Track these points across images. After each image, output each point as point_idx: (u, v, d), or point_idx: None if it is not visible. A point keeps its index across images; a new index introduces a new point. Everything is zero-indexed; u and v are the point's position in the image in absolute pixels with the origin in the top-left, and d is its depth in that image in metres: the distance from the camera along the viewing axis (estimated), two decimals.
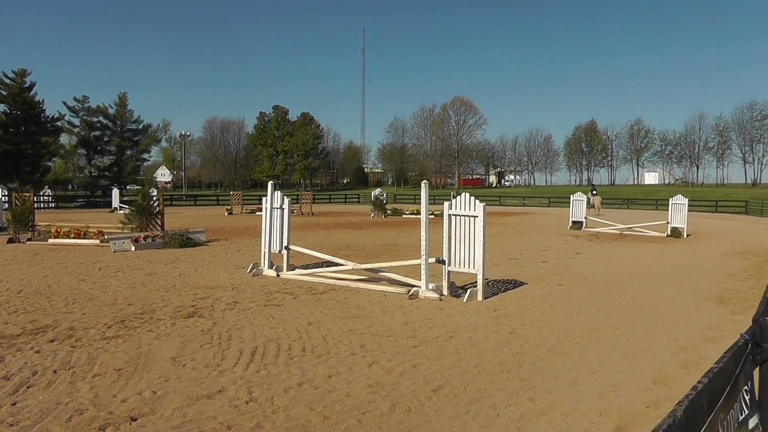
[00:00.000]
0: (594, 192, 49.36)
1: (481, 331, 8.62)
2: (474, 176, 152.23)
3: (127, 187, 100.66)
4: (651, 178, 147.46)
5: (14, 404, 5.75)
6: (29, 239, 22.20)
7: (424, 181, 12.07)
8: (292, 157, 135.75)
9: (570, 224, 30.59)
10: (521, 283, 12.88)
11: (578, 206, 30.66)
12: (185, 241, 20.45)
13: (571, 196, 31.70)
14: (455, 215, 11.45)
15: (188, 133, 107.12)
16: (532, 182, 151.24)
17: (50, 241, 21.72)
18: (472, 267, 11.19)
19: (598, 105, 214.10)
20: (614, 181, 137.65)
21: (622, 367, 6.87)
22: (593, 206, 50.49)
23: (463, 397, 5.83)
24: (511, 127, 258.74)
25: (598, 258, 17.78)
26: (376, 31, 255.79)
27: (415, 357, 7.22)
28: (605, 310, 10.18)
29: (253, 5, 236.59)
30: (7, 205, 31.03)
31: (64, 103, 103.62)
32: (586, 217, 30.19)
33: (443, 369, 6.71)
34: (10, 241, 22.01)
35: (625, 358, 7.23)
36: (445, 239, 11.45)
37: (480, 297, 10.98)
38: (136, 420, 5.36)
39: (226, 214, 45.90)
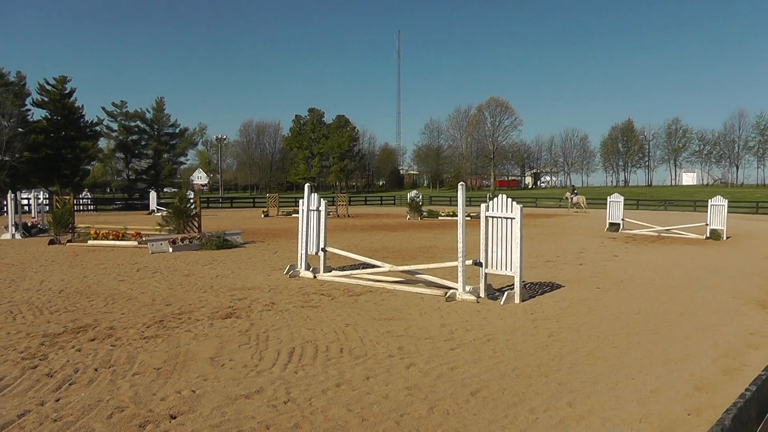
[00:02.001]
0: (575, 192, 55.82)
1: (518, 334, 8.58)
2: (510, 177, 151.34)
3: (164, 189, 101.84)
4: (689, 178, 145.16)
5: (57, 400, 5.86)
6: (69, 241, 22.54)
7: (461, 182, 12.04)
8: (328, 160, 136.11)
9: (607, 226, 30.29)
10: (558, 286, 12.79)
11: (615, 208, 30.32)
12: (222, 242, 20.61)
13: (608, 197, 31.37)
14: (492, 217, 11.40)
15: (224, 137, 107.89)
16: (568, 183, 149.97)
17: (89, 242, 22.03)
18: (509, 269, 11.13)
19: (634, 104, 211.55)
20: (651, 182, 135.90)
21: (662, 372, 6.77)
22: (577, 204, 55.20)
23: (501, 400, 5.81)
24: (546, 128, 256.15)
25: (635, 260, 17.58)
26: (411, 33, 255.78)
27: (453, 359, 7.20)
28: (644, 313, 10.05)
29: (288, 8, 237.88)
30: (48, 208, 31.57)
31: (103, 109, 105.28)
32: (623, 219, 29.88)
33: (481, 372, 6.68)
34: (51, 242, 22.37)
35: (665, 364, 7.12)
36: (482, 241, 11.41)
37: (517, 300, 10.93)
38: (175, 418, 5.42)
39: (263, 216, 46.13)
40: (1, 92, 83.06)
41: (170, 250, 19.58)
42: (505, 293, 10.99)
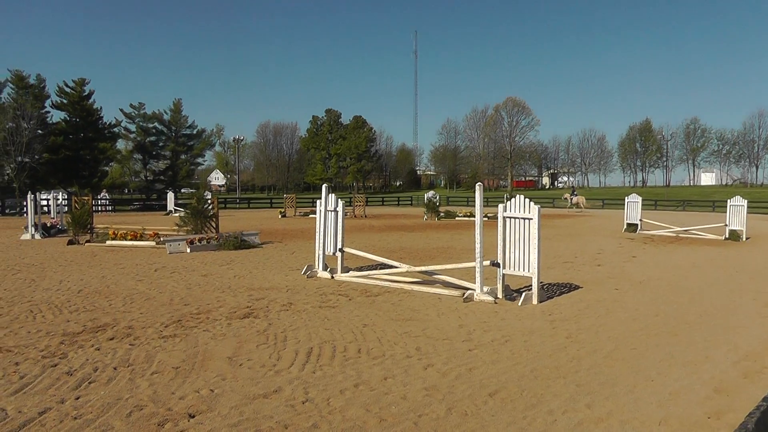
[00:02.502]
0: (575, 193, 57.62)
1: (536, 335, 8.55)
2: (527, 178, 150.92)
3: (182, 190, 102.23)
4: (708, 178, 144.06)
5: (77, 398, 5.92)
6: (88, 241, 22.72)
7: (479, 183, 12.02)
8: (345, 160, 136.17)
9: (625, 226, 30.16)
10: (576, 287, 12.75)
11: (633, 208, 30.17)
12: (240, 243, 20.68)
13: (626, 197, 31.23)
14: (510, 217, 11.38)
15: (242, 138, 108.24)
16: (585, 184, 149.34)
17: (108, 242, 22.20)
18: (526, 270, 11.10)
19: (653, 104, 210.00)
20: (669, 183, 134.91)
21: (681, 374, 6.72)
22: (577, 204, 56.71)
23: (519, 402, 5.79)
24: (564, 128, 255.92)
25: (653, 261, 17.49)
26: (428, 33, 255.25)
27: (471, 360, 7.19)
28: (662, 315, 9.99)
29: (305, 9, 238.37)
30: (67, 209, 31.80)
31: (121, 110, 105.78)
32: (641, 220, 29.73)
33: (499, 373, 6.67)
34: (70, 242, 22.54)
35: (685, 366, 7.07)
36: (500, 242, 11.39)
37: (535, 301, 10.90)
38: (194, 417, 5.44)
39: (280, 216, 46.25)
40: (22, 95, 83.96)
41: (188, 250, 19.67)
42: (523, 294, 10.96)
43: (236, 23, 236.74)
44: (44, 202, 36.32)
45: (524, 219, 11.13)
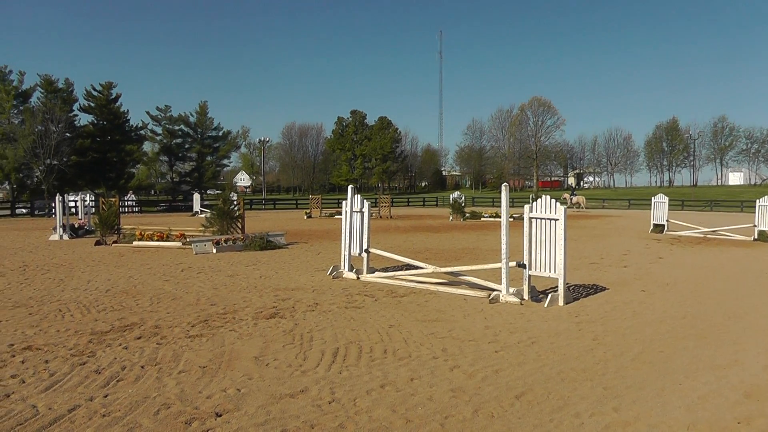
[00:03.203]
0: (574, 193, 59.27)
1: (563, 337, 8.51)
2: (552, 178, 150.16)
3: (208, 191, 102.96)
4: (736, 178, 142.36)
5: (105, 396, 5.99)
6: (115, 241, 22.94)
7: (505, 183, 11.98)
8: (370, 161, 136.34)
9: (651, 227, 29.98)
10: (602, 289, 12.67)
11: (660, 208, 29.96)
12: (265, 243, 20.76)
13: (652, 198, 30.98)
14: (535, 218, 11.33)
15: (267, 139, 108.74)
16: (611, 184, 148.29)
17: (134, 243, 22.36)
18: (552, 271, 11.05)
19: (679, 102, 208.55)
20: (696, 182, 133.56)
21: (710, 378, 6.63)
22: (577, 204, 57.17)
23: (546, 404, 5.76)
24: (589, 127, 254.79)
25: (681, 263, 17.34)
26: (453, 33, 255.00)
27: (497, 362, 7.17)
28: (690, 317, 9.89)
29: (329, 10, 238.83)
30: (94, 210, 32.11)
31: (148, 113, 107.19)
32: (667, 220, 29.49)
33: (526, 375, 6.64)
34: (98, 243, 22.77)
35: (713, 369, 6.97)
36: (526, 243, 11.35)
37: (561, 302, 10.85)
38: (221, 416, 5.48)
39: (305, 217, 46.36)
40: (50, 99, 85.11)
41: (214, 250, 19.78)
42: (549, 295, 10.90)
43: (261, 25, 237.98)
44: (72, 204, 36.69)
45: (550, 219, 11.08)
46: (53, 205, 36.70)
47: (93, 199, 46.09)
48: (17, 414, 5.53)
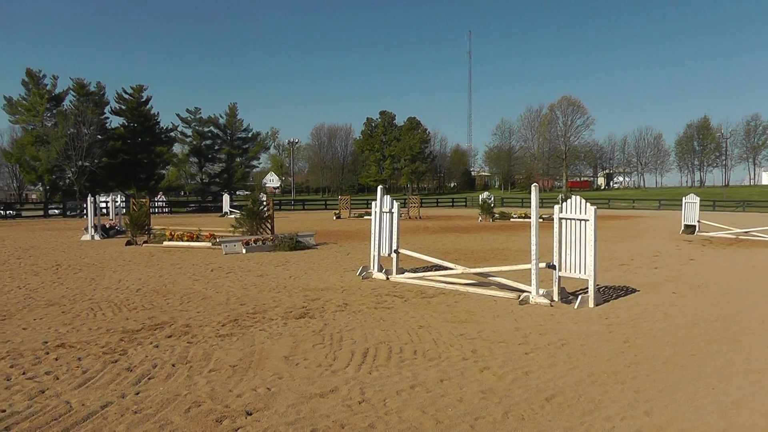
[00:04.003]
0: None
1: (593, 339, 8.44)
2: (582, 178, 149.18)
3: (237, 192, 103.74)
4: None
5: (137, 393, 6.07)
6: (145, 242, 23.16)
7: (534, 183, 11.92)
8: (399, 162, 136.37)
9: (682, 228, 29.62)
10: (633, 290, 12.54)
11: (691, 209, 29.59)
12: (295, 244, 20.83)
13: (683, 198, 30.63)
14: (565, 219, 11.25)
15: (296, 140, 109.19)
16: (641, 184, 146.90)
17: (165, 243, 22.56)
18: (582, 272, 10.97)
19: (711, 101, 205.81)
20: (728, 182, 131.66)
21: (743, 383, 6.50)
22: None
23: (576, 407, 5.71)
24: (619, 127, 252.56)
25: (713, 264, 17.12)
26: (482, 32, 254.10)
27: (527, 364, 7.13)
28: (722, 320, 9.74)
29: (359, 11, 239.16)
30: (125, 210, 32.41)
31: (178, 115, 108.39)
32: (699, 221, 29.15)
33: (556, 377, 6.60)
34: (128, 243, 23.00)
35: (747, 374, 6.84)
36: (556, 243, 11.28)
37: (591, 304, 10.76)
38: (251, 414, 5.52)
39: (335, 218, 46.47)
40: (82, 102, 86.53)
41: (243, 251, 19.89)
42: (579, 297, 10.82)
43: (291, 26, 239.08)
44: (103, 205, 37.12)
45: (580, 220, 11.01)
46: (85, 205, 37.24)
47: (124, 199, 46.50)
48: (52, 409, 5.64)
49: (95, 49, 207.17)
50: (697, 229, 28.89)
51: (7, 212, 53.92)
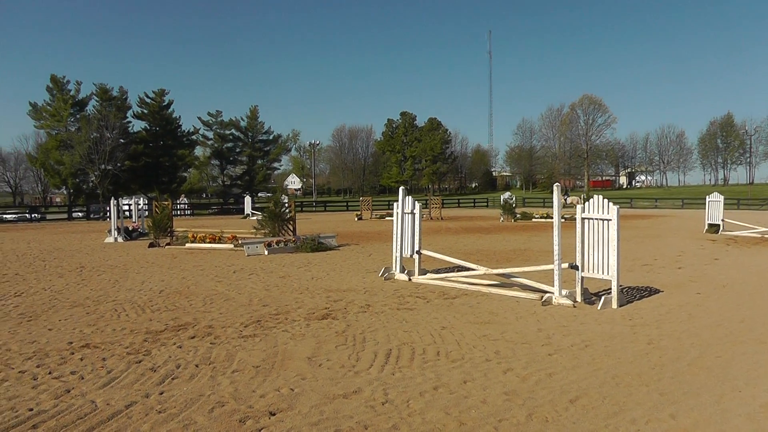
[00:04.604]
0: (567, 194, 60.63)
1: (617, 340, 8.38)
2: (603, 178, 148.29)
3: (259, 194, 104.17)
4: None
5: (161, 393, 6.14)
6: (168, 244, 23.32)
7: (556, 183, 11.86)
8: (420, 163, 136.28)
9: (706, 227, 29.32)
10: (656, 291, 12.44)
11: (715, 208, 29.25)
12: (317, 245, 20.89)
13: (707, 197, 30.32)
14: (588, 219, 11.18)
15: (317, 142, 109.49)
16: (664, 183, 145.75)
17: (187, 245, 22.74)
18: (605, 273, 10.89)
19: (735, 97, 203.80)
20: (753, 180, 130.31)
21: None
22: (572, 204, 55.76)
23: (601, 409, 5.67)
24: (641, 125, 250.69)
25: (737, 264, 16.92)
26: (502, 32, 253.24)
27: (551, 365, 7.09)
28: (748, 321, 9.61)
29: (379, 13, 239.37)
30: (147, 213, 32.65)
31: (199, 118, 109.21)
32: (723, 220, 28.86)
33: (580, 379, 6.55)
34: (151, 245, 23.14)
35: None
36: (578, 244, 11.20)
37: (614, 305, 10.69)
38: (274, 415, 5.55)
39: (356, 219, 46.59)
40: (105, 106, 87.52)
41: (266, 252, 19.96)
42: (602, 298, 10.75)
43: (310, 28, 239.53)
44: (126, 207, 37.31)
45: (603, 220, 10.93)
46: (108, 208, 37.60)
47: (146, 202, 46.87)
48: (77, 408, 5.72)
49: (118, 54, 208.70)
50: (721, 228, 28.60)
51: (33, 215, 54.73)
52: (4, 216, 54.40)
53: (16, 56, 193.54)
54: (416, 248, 14.12)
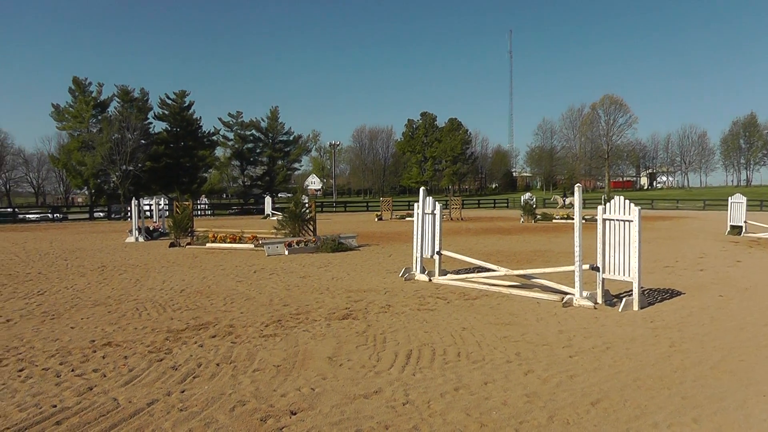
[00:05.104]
0: (566, 195, 59.57)
1: (638, 343, 8.31)
2: (624, 178, 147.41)
3: (279, 194, 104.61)
4: None
5: (182, 392, 6.19)
6: (189, 243, 23.43)
7: (578, 184, 11.81)
8: (441, 163, 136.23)
9: (728, 229, 29.04)
10: (678, 293, 12.34)
11: (737, 209, 28.95)
12: (337, 245, 20.91)
13: (729, 198, 30.01)
14: (609, 220, 11.12)
15: (338, 143, 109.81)
16: (685, 184, 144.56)
17: (208, 245, 22.84)
18: (626, 275, 10.82)
19: (758, 96, 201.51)
20: None
21: None
22: (570, 205, 54.39)
23: (622, 412, 5.62)
24: (663, 125, 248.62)
25: (760, 266, 16.72)
26: (522, 32, 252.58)
27: (572, 367, 7.05)
28: None
29: (398, 12, 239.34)
30: (168, 213, 32.83)
31: (220, 119, 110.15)
32: (745, 221, 28.59)
33: (601, 381, 6.51)
34: (172, 245, 23.28)
35: None
36: (599, 245, 11.13)
37: (636, 307, 10.61)
38: (295, 414, 5.57)
39: (376, 219, 46.64)
40: (127, 108, 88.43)
41: (286, 252, 20.01)
42: (623, 300, 10.69)
43: (331, 30, 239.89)
44: (147, 208, 37.54)
45: (624, 221, 10.85)
46: (129, 208, 37.84)
47: (167, 202, 47.14)
48: (100, 406, 5.79)
49: (139, 55, 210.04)
50: (743, 229, 28.32)
51: (55, 215, 55.25)
52: (27, 216, 55.02)
53: (39, 59, 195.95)
54: (437, 249, 14.10)
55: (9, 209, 60.11)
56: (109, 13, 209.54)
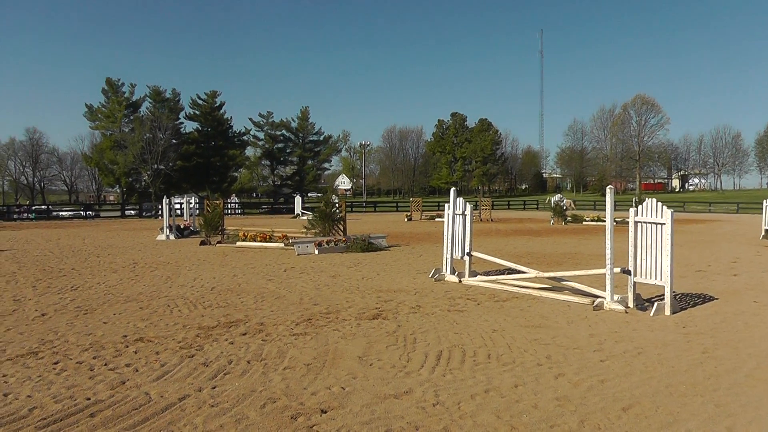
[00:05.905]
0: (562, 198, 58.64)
1: (670, 348, 8.21)
2: (656, 180, 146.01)
3: (309, 194, 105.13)
4: None
5: (214, 388, 6.25)
6: (219, 242, 23.61)
7: (610, 185, 11.72)
8: (471, 164, 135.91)
9: (763, 233, 28.53)
10: (711, 298, 12.18)
11: None
12: (367, 245, 20.95)
13: (764, 201, 29.59)
14: (641, 222, 11.00)
15: (368, 143, 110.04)
16: (718, 186, 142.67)
17: (238, 243, 22.97)
18: (658, 278, 10.70)
19: None
20: None
21: None
22: (568, 206, 53.55)
23: (654, 419, 5.55)
24: (695, 126, 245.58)
25: None
26: (553, 31, 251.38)
27: (603, 372, 7.00)
28: None
29: (429, 12, 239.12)
30: (198, 212, 33.09)
31: (250, 119, 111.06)
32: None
33: (632, 387, 6.44)
34: (203, 243, 23.49)
35: None
36: (631, 248, 11.03)
37: (668, 311, 10.50)
38: (326, 413, 5.59)
39: (406, 220, 46.71)
40: (158, 108, 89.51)
41: (316, 252, 20.08)
42: (655, 304, 10.58)
43: (361, 30, 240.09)
44: (178, 206, 37.88)
45: (656, 224, 10.73)
46: (160, 207, 38.22)
47: (198, 201, 47.55)
48: (132, 400, 5.87)
49: (172, 57, 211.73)
50: None
51: (87, 213, 56.06)
52: (61, 213, 55.86)
53: (73, 60, 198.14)
54: (467, 250, 14.06)
55: (43, 206, 60.91)
56: (142, 15, 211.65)
